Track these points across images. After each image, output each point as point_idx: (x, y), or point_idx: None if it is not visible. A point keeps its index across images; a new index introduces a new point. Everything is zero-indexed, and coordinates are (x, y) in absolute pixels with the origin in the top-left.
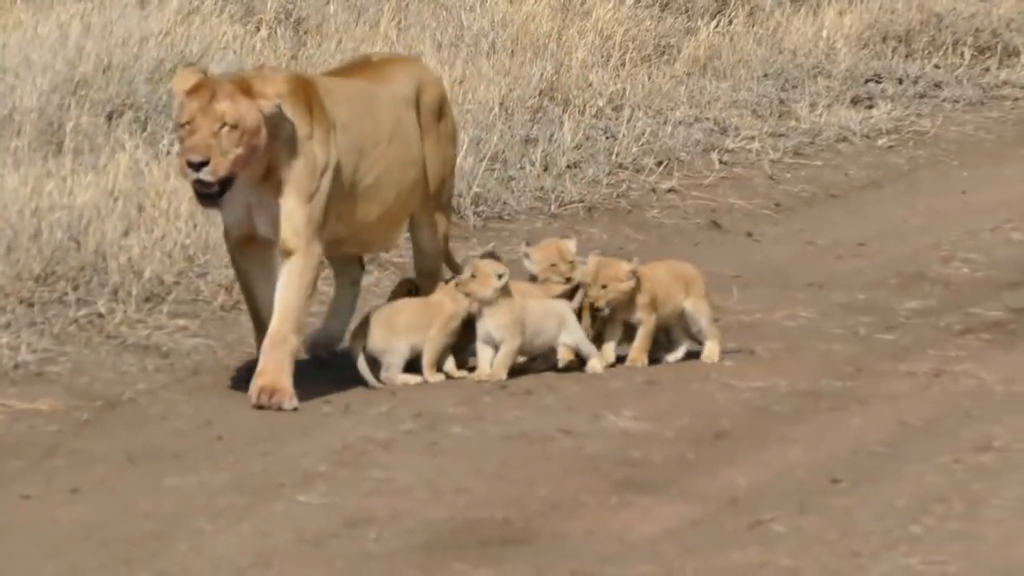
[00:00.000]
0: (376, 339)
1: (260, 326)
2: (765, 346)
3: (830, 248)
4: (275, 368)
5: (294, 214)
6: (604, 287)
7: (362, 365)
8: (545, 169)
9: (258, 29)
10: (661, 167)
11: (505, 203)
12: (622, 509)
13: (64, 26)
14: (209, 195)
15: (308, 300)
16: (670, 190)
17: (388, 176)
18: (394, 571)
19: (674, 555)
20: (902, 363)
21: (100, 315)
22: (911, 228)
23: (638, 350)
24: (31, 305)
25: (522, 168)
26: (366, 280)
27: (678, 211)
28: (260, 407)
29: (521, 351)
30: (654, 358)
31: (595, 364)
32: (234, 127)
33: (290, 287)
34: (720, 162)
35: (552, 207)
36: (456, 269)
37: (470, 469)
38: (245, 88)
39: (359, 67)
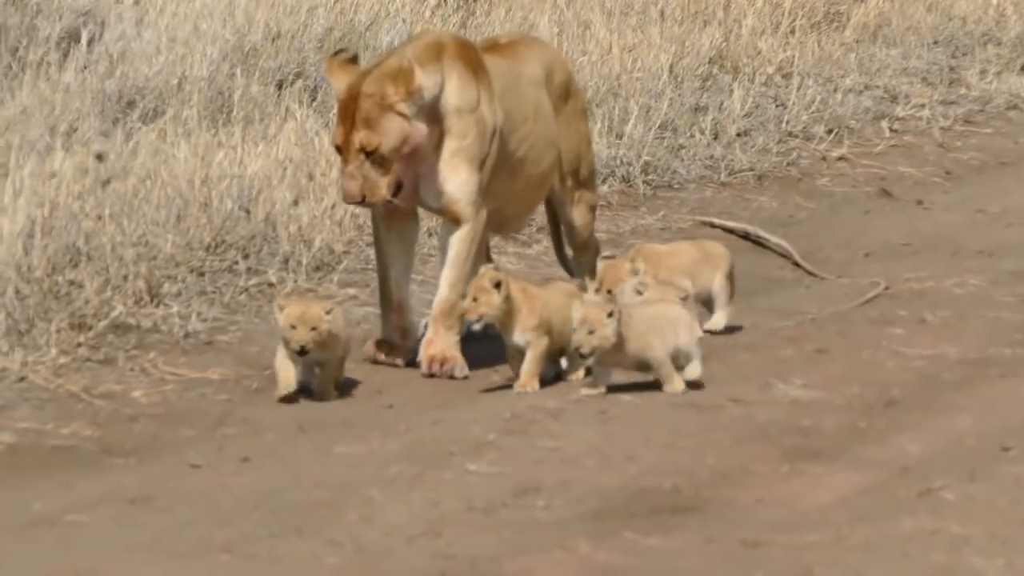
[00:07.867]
0: None
1: (388, 301)
2: (935, 314)
3: (1000, 216)
4: (445, 337)
5: (468, 183)
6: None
7: None
8: (715, 137)
9: None
10: (831, 135)
11: (675, 172)
12: (792, 477)
13: None
14: (387, 202)
15: (473, 268)
16: (840, 158)
17: (534, 152)
18: (563, 539)
19: (844, 523)
20: None
21: (270, 284)
22: None
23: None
24: (201, 274)
25: (692, 136)
26: (535, 249)
27: (848, 179)
28: (431, 376)
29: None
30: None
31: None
32: (375, 151)
33: (460, 256)
34: (890, 130)
35: (722, 175)
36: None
37: (639, 438)
38: (383, 94)
39: (491, 47)
